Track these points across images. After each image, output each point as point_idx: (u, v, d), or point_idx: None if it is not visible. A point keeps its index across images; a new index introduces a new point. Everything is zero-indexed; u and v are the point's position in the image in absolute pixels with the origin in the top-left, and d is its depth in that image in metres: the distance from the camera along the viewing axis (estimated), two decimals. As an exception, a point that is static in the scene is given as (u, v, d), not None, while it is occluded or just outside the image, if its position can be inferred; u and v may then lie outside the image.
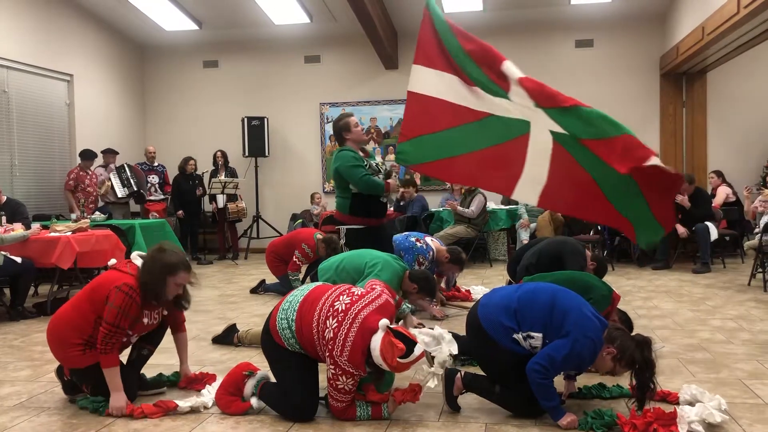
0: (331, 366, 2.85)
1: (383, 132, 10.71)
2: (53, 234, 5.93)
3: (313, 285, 3.20)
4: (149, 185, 9.72)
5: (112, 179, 9.08)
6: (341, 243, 4.95)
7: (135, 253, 3.31)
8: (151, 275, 3.11)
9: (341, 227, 4.90)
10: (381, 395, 3.01)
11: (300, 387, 2.99)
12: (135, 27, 10.45)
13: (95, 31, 10.01)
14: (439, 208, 9.47)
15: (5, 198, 6.58)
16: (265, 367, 3.21)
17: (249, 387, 3.11)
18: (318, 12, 9.81)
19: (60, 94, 9.37)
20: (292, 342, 2.99)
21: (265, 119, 10.41)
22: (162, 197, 9.90)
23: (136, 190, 9.22)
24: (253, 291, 6.77)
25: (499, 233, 9.27)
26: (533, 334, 2.85)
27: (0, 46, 8.14)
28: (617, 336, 2.80)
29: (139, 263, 3.20)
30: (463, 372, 3.07)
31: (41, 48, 8.83)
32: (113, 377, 3.07)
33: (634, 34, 10.02)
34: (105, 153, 9.27)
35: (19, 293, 5.69)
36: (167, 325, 3.47)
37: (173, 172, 10.04)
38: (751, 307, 5.43)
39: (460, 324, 4.11)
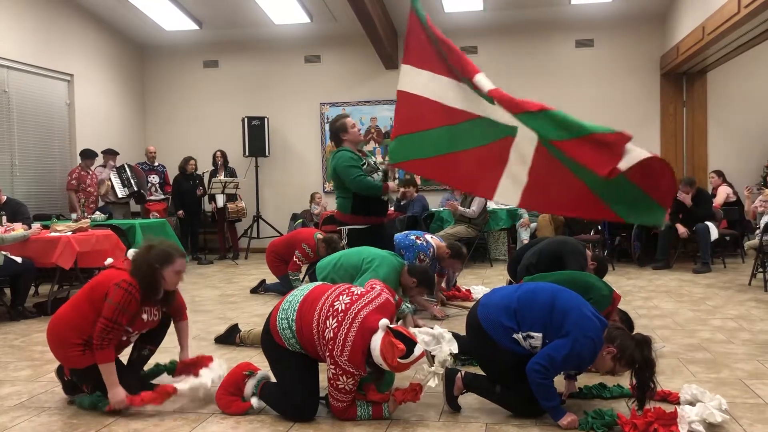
0: (332, 366, 2.85)
1: (383, 132, 10.70)
2: (53, 234, 5.93)
3: (313, 285, 3.20)
4: (150, 185, 9.72)
5: (112, 179, 9.08)
6: (343, 243, 4.94)
7: (131, 251, 3.30)
8: (148, 269, 3.10)
9: (343, 227, 4.89)
10: (381, 395, 3.01)
11: (300, 387, 2.99)
12: (135, 27, 10.45)
13: (95, 31, 10.02)
14: (440, 208, 9.47)
15: (5, 198, 6.58)
16: (266, 367, 3.21)
17: (249, 387, 3.11)
18: (318, 12, 9.81)
19: (60, 94, 9.37)
20: (292, 342, 2.98)
21: (266, 119, 10.41)
22: (162, 197, 9.90)
23: (136, 190, 9.22)
24: (254, 291, 6.77)
25: (500, 233, 9.27)
26: (533, 334, 2.85)
27: (0, 46, 8.15)
28: (617, 335, 2.80)
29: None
30: (464, 372, 3.07)
31: (41, 48, 8.84)
32: (109, 373, 3.06)
33: (634, 33, 10.01)
34: (105, 153, 9.27)
35: (20, 293, 5.69)
36: (168, 325, 3.47)
37: (173, 172, 10.04)
38: (752, 307, 5.43)
39: (460, 324, 4.10)
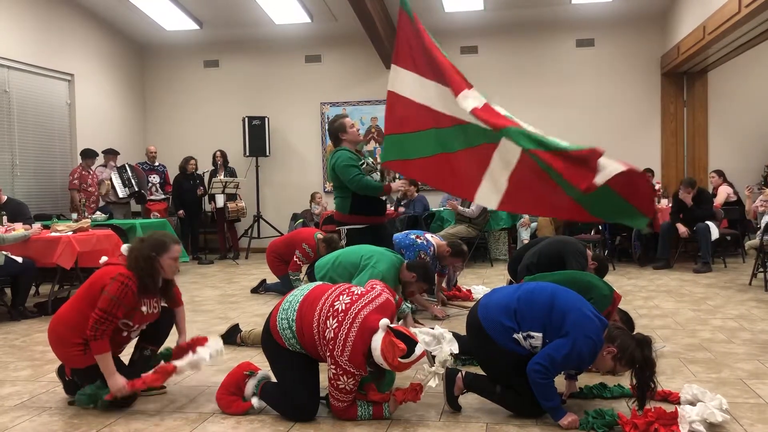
0: (332, 366, 2.84)
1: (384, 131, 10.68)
2: (54, 234, 5.94)
3: (313, 285, 3.20)
4: (150, 185, 9.73)
5: (113, 179, 9.09)
6: (343, 243, 4.94)
7: (124, 246, 3.29)
8: (146, 260, 3.11)
9: (342, 227, 4.89)
10: (382, 395, 3.01)
11: (301, 387, 2.99)
12: (136, 26, 10.46)
13: (96, 31, 10.02)
14: (440, 207, 9.47)
15: (6, 198, 6.59)
16: (266, 367, 3.21)
17: (250, 387, 3.11)
18: (318, 11, 9.81)
19: (61, 93, 9.38)
20: (292, 342, 2.98)
21: (266, 119, 10.41)
22: (163, 197, 9.91)
23: (137, 190, 9.23)
24: (254, 291, 6.77)
25: (500, 233, 9.27)
26: (533, 333, 2.84)
27: (1, 45, 8.16)
28: (617, 335, 2.80)
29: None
30: (464, 372, 3.07)
31: (42, 48, 8.84)
32: (106, 363, 3.05)
33: (635, 33, 10.01)
34: (106, 153, 9.28)
35: (20, 293, 5.69)
36: (171, 326, 3.47)
37: (174, 171, 10.04)
38: (752, 307, 5.43)
39: (460, 324, 4.10)
